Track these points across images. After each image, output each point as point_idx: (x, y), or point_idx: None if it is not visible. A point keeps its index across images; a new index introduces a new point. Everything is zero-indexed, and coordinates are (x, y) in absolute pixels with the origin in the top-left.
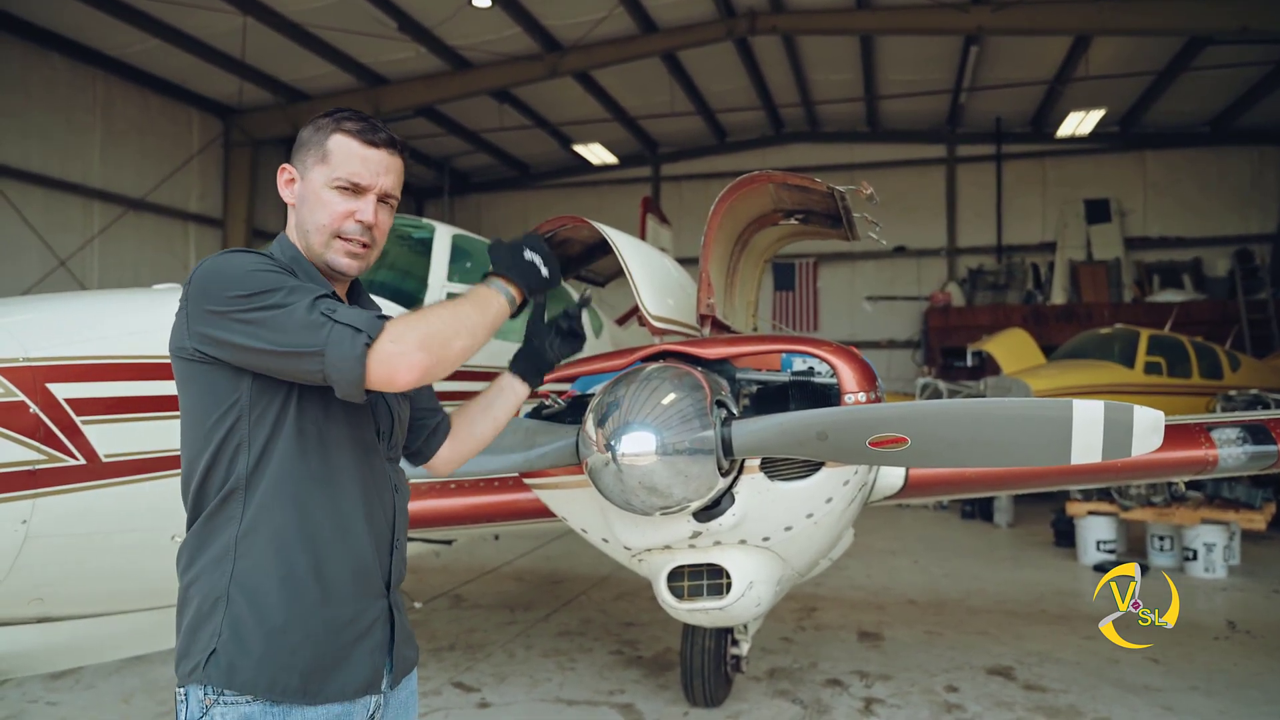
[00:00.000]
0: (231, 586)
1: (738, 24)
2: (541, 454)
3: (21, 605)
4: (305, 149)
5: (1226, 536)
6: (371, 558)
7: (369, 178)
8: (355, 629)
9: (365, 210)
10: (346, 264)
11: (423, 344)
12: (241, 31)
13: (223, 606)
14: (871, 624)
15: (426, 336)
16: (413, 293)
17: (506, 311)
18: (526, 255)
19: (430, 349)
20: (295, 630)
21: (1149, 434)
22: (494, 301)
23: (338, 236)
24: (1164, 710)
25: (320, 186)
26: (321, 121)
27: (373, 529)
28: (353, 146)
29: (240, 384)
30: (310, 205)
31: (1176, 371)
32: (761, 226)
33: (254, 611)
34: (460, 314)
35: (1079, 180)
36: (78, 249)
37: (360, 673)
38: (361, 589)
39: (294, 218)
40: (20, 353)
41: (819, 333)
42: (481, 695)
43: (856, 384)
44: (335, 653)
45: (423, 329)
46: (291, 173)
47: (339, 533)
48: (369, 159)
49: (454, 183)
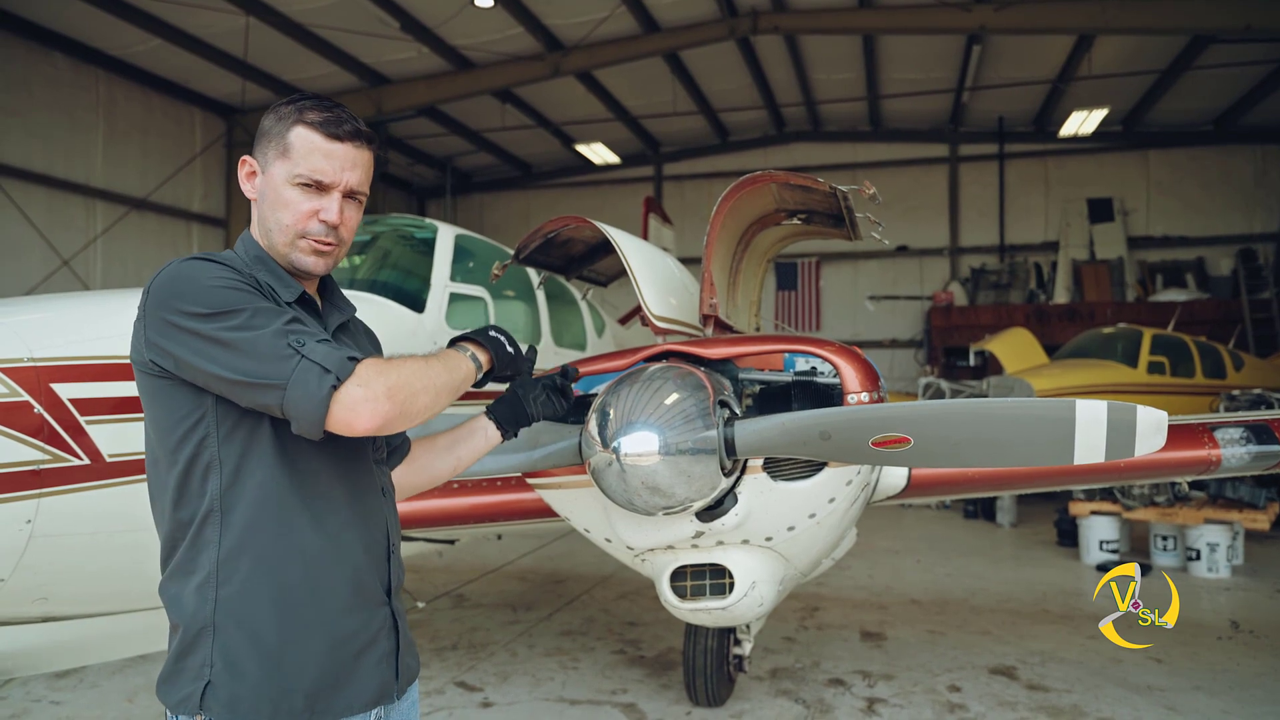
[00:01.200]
0: (218, 615)
1: (740, 23)
2: (545, 454)
3: (26, 604)
4: (266, 140)
5: (1230, 536)
6: (368, 566)
7: (333, 174)
8: (359, 641)
9: (330, 209)
10: (312, 263)
11: (390, 393)
12: (244, 31)
13: (209, 636)
14: (874, 623)
15: (395, 386)
16: (415, 293)
17: (472, 377)
18: (492, 333)
19: (396, 399)
20: (294, 651)
21: (1152, 434)
22: (462, 365)
23: (302, 236)
24: (1167, 710)
25: (281, 183)
26: (284, 110)
27: (366, 536)
28: (315, 140)
29: (204, 398)
30: (272, 203)
31: (1180, 371)
32: (764, 226)
33: (247, 637)
34: (430, 370)
35: (1082, 179)
36: (80, 249)
37: (369, 686)
38: (361, 599)
39: (256, 213)
40: (25, 353)
41: (821, 332)
42: (484, 694)
43: (859, 384)
44: (340, 668)
45: (392, 378)
46: (252, 165)
47: (330, 544)
48: (333, 154)
49: (456, 182)
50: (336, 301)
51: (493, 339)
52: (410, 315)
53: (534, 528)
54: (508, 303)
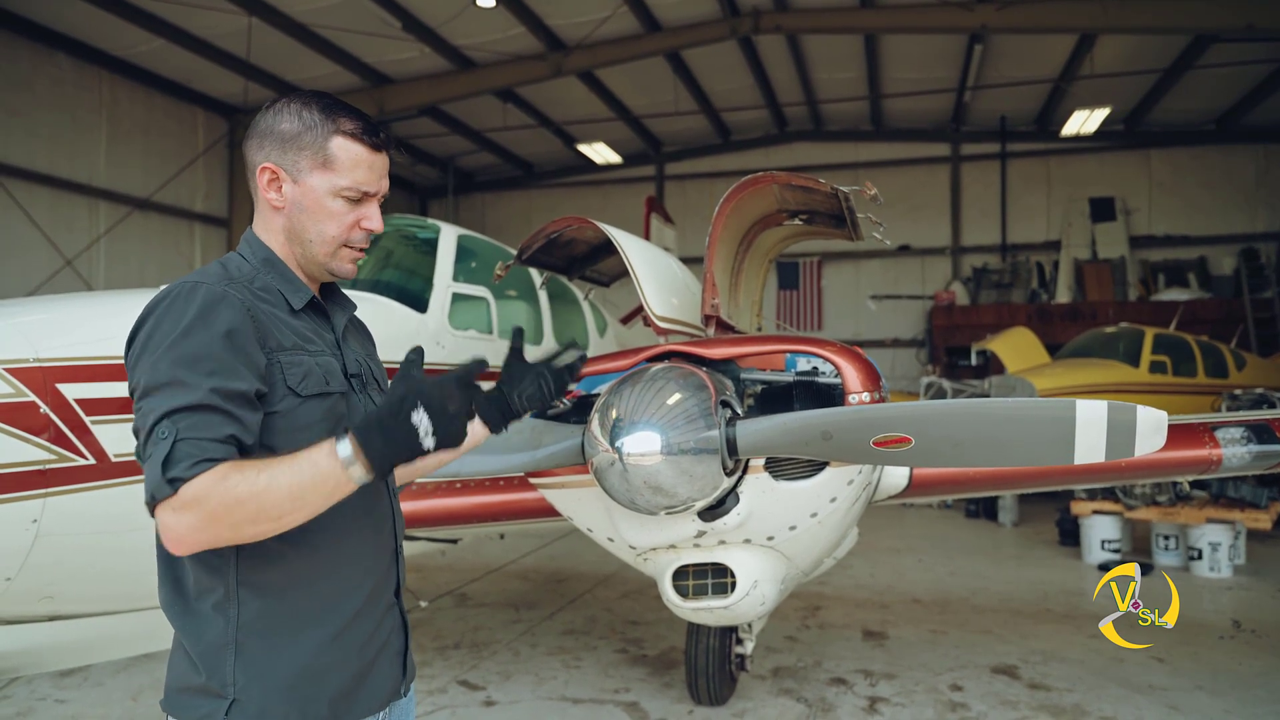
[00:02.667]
0: (240, 634)
1: (742, 23)
2: (548, 454)
3: (32, 603)
4: (295, 148)
5: (1232, 536)
6: (381, 569)
7: (375, 184)
8: (376, 644)
9: (374, 218)
10: (350, 270)
11: (212, 519)
12: (246, 31)
13: (230, 655)
14: (876, 623)
15: (221, 511)
16: (418, 293)
17: (342, 490)
18: (413, 418)
19: (214, 529)
20: (319, 661)
21: (1152, 434)
22: (326, 483)
23: (345, 245)
24: (1169, 709)
25: (325, 195)
26: (311, 116)
27: (378, 539)
28: (359, 153)
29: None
30: (312, 214)
31: (1182, 370)
32: (766, 227)
33: (271, 653)
34: (274, 492)
35: (1084, 179)
36: (84, 249)
37: (384, 685)
38: (376, 603)
39: (282, 222)
40: (31, 353)
41: (823, 331)
42: (487, 693)
43: (860, 384)
44: (360, 672)
45: (226, 499)
46: (277, 173)
47: (347, 551)
48: (375, 165)
49: (458, 182)
50: (339, 300)
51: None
52: (413, 315)
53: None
54: (510, 303)
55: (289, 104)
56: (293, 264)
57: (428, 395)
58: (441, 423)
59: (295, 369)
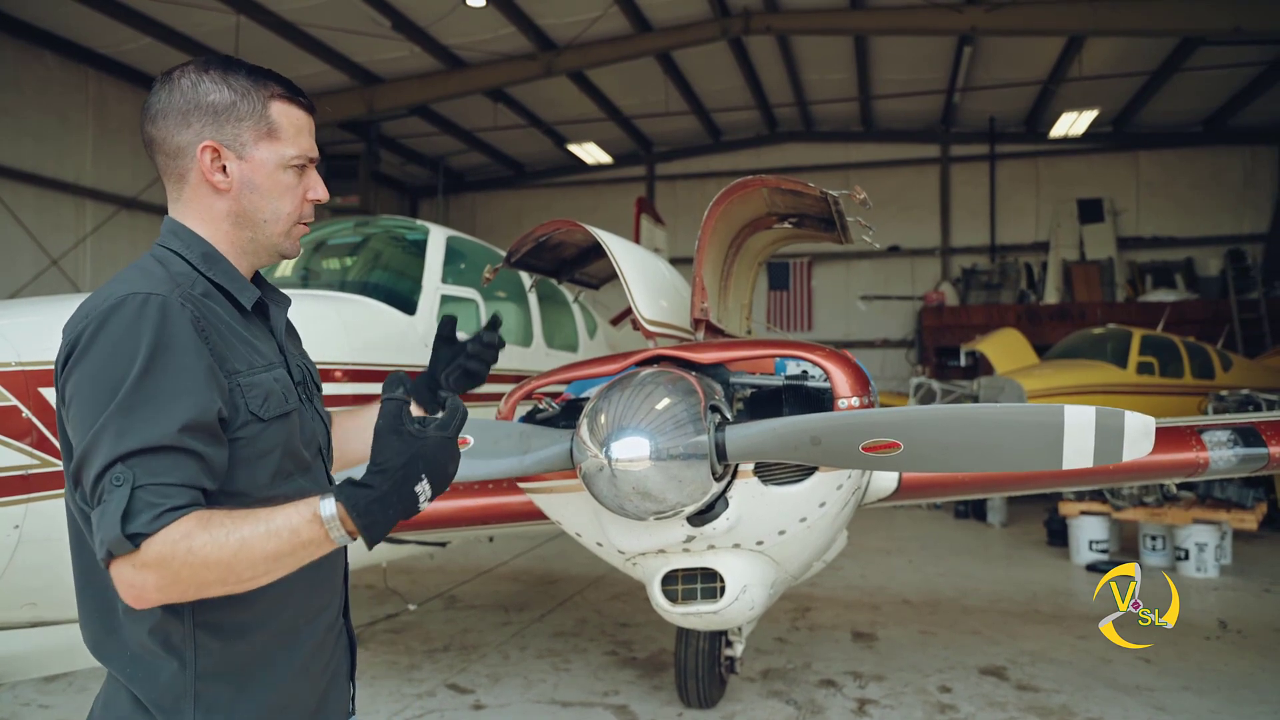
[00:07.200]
0: (199, 682)
1: (732, 24)
2: (536, 459)
3: (15, 609)
4: (235, 121)
5: (1218, 536)
6: (334, 589)
7: (314, 149)
8: (331, 669)
9: (318, 187)
10: (298, 249)
11: (176, 580)
12: (234, 30)
13: (190, 702)
14: (865, 624)
15: (186, 574)
16: (407, 295)
17: (322, 553)
18: (417, 489)
19: (178, 589)
20: (283, 697)
21: (1140, 439)
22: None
23: (298, 222)
24: (1156, 710)
25: (275, 168)
26: (241, 84)
27: (334, 559)
28: (299, 116)
29: None
30: (265, 192)
31: (1169, 371)
32: (755, 230)
33: (237, 695)
34: (246, 556)
35: (1072, 180)
36: (70, 249)
37: (336, 710)
38: (332, 627)
39: (226, 205)
40: (13, 356)
41: (813, 332)
42: (476, 696)
43: (849, 389)
44: (320, 702)
45: (191, 562)
46: (219, 151)
47: (306, 579)
48: (310, 129)
49: (448, 182)
50: (269, 295)
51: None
52: (401, 317)
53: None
54: (499, 305)
55: (205, 73)
56: (234, 254)
57: (431, 461)
58: (441, 486)
59: (256, 391)
